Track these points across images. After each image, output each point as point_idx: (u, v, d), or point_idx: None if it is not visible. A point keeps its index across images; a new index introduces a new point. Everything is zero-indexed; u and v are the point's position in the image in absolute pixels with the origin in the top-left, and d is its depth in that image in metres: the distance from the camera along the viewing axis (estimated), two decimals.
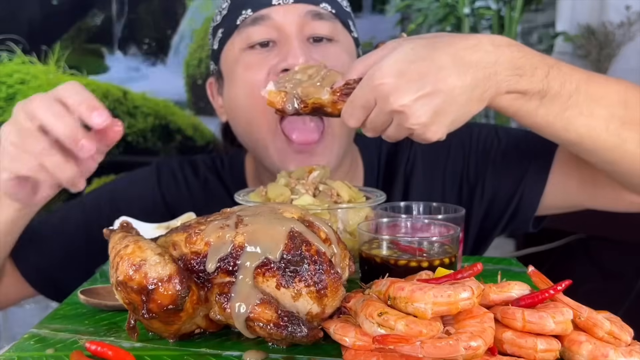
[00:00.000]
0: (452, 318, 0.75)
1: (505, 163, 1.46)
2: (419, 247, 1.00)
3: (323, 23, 1.36)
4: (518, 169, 1.44)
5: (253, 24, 1.35)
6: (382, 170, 1.55)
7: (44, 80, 2.68)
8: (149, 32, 2.92)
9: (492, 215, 1.48)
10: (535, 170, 1.41)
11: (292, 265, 0.79)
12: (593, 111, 1.09)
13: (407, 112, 0.98)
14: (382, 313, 0.73)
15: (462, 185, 1.49)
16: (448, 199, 1.47)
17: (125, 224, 0.91)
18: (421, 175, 1.51)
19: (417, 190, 1.50)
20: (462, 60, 0.99)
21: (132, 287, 0.76)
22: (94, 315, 0.95)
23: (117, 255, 0.79)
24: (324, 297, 0.80)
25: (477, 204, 1.48)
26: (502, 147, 1.48)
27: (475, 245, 1.51)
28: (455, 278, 0.79)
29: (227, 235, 0.81)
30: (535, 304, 0.78)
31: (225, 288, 0.79)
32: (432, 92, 0.98)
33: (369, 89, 1.01)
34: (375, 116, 1.03)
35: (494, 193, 1.46)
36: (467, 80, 0.99)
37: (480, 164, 1.48)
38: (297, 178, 1.17)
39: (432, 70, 0.98)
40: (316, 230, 0.85)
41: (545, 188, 1.41)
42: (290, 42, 1.32)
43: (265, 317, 0.77)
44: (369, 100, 1.02)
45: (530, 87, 1.05)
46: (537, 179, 1.41)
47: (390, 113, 1.00)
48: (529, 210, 1.44)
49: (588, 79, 1.10)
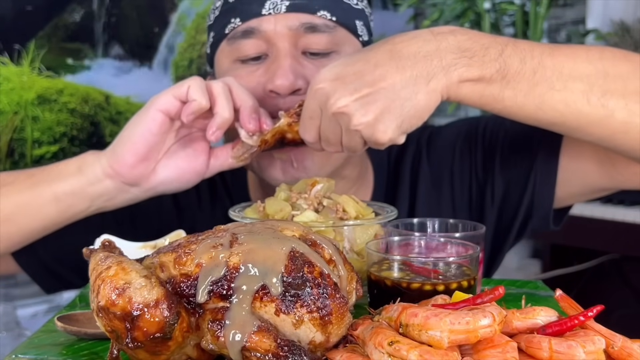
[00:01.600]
0: (471, 348, 0.75)
1: (512, 154, 1.47)
2: (434, 268, 1.00)
3: (319, 36, 1.35)
4: (526, 159, 1.45)
5: (243, 36, 1.36)
6: (390, 172, 1.56)
7: (16, 82, 2.69)
8: (134, 30, 2.93)
9: (507, 214, 1.48)
10: (544, 157, 1.42)
11: (293, 289, 0.79)
12: (566, 84, 1.13)
13: (348, 112, 1.09)
14: (393, 342, 0.74)
15: (471, 184, 1.50)
16: (458, 201, 1.48)
17: (108, 242, 0.91)
18: (428, 178, 1.52)
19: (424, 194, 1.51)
20: (399, 54, 1.08)
21: (115, 313, 0.76)
22: (73, 344, 0.95)
23: (99, 277, 0.79)
24: (329, 324, 0.80)
25: (489, 203, 1.48)
26: (508, 137, 1.49)
27: (490, 255, 1.52)
28: (474, 303, 0.80)
29: (220, 256, 0.81)
30: (564, 332, 0.78)
31: (218, 314, 0.79)
32: (372, 90, 1.08)
33: (310, 97, 1.14)
34: (324, 125, 1.15)
35: (504, 190, 1.47)
36: (406, 73, 1.07)
37: (487, 158, 1.49)
38: (299, 192, 1.17)
39: (368, 68, 1.09)
40: (320, 250, 0.85)
41: (558, 175, 1.42)
42: (280, 59, 1.33)
43: (263, 347, 0.77)
44: (314, 109, 1.14)
45: (485, 68, 1.09)
46: (547, 167, 1.42)
47: (333, 117, 1.11)
48: (545, 202, 1.44)
49: (552, 52, 1.14)
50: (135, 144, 1.25)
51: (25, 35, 2.73)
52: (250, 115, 1.26)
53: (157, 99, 1.25)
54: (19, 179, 1.35)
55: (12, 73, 2.70)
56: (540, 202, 1.45)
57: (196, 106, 1.22)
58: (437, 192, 1.52)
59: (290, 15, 1.34)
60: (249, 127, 1.26)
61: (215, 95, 1.24)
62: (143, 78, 2.91)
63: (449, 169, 1.52)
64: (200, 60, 3.08)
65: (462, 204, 1.51)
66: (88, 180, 1.29)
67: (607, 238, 1.58)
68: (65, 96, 2.77)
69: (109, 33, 2.87)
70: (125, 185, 1.30)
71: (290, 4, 1.33)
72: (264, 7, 1.34)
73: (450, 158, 1.53)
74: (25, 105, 2.68)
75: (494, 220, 1.49)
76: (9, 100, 2.65)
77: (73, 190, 1.30)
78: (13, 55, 2.71)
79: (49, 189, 1.31)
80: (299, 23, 1.33)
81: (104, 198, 1.32)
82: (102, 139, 2.85)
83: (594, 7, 2.74)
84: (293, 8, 1.33)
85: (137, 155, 1.26)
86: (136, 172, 1.28)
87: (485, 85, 1.10)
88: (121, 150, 1.27)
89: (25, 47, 2.72)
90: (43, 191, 1.31)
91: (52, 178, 1.31)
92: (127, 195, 1.33)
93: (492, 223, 1.49)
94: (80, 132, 2.78)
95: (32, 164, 2.67)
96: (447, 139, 1.56)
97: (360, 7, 1.43)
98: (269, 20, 1.34)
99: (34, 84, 2.71)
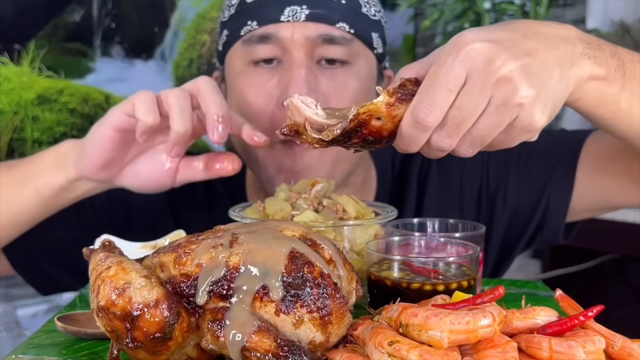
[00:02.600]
0: (471, 348, 0.75)
1: (528, 166, 1.46)
2: (434, 268, 1.00)
3: (335, 48, 1.33)
4: (542, 173, 1.44)
5: (259, 41, 1.34)
6: (395, 177, 1.55)
7: (17, 83, 2.69)
8: (134, 30, 2.93)
9: (516, 226, 1.48)
10: (561, 171, 1.42)
11: (293, 289, 0.79)
12: None
13: (515, 80, 0.86)
14: (393, 342, 0.74)
15: (481, 193, 1.49)
16: (466, 208, 1.48)
17: (107, 242, 0.91)
18: (437, 182, 1.51)
19: (432, 200, 1.50)
20: (539, 31, 0.93)
21: (115, 313, 0.76)
22: (73, 344, 0.95)
23: (99, 277, 0.79)
24: (329, 324, 0.80)
25: (499, 213, 1.48)
26: (524, 148, 1.46)
27: (497, 261, 1.51)
28: (474, 303, 0.80)
29: (220, 256, 0.81)
30: (564, 332, 0.78)
31: (218, 314, 0.79)
32: (531, 60, 0.88)
33: (458, 59, 0.87)
34: (468, 98, 0.87)
35: (517, 201, 1.47)
36: (554, 52, 0.91)
37: (501, 168, 1.48)
38: (299, 192, 1.17)
39: (518, 38, 0.90)
40: (320, 250, 0.85)
41: (574, 190, 1.41)
42: (294, 69, 1.31)
43: (263, 347, 0.77)
44: (458, 75, 0.87)
45: (609, 64, 0.98)
46: (564, 182, 1.41)
47: (494, 85, 0.87)
48: (558, 217, 1.44)
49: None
50: (94, 156, 1.25)
51: (26, 35, 2.73)
52: (214, 124, 1.18)
53: (108, 115, 1.24)
54: (0, 170, 1.35)
55: (12, 73, 2.69)
56: (553, 217, 1.45)
57: (142, 126, 1.17)
58: (445, 194, 1.51)
59: (309, 25, 1.32)
60: (213, 138, 1.17)
61: (167, 109, 1.18)
62: (143, 78, 2.91)
63: (459, 173, 1.51)
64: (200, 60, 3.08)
65: (470, 209, 1.50)
66: (64, 175, 1.30)
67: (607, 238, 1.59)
68: (65, 96, 2.77)
69: (109, 33, 2.87)
70: (97, 181, 1.31)
71: (310, 12, 1.31)
72: (283, 13, 1.32)
73: (460, 164, 1.51)
74: (25, 105, 2.68)
75: (503, 227, 1.49)
76: (9, 100, 2.65)
77: (51, 184, 1.31)
78: (13, 55, 2.70)
79: (30, 183, 1.31)
80: (317, 34, 1.32)
81: (81, 190, 1.32)
82: None
83: (594, 7, 2.75)
84: (312, 17, 1.31)
85: (97, 164, 1.26)
86: (101, 176, 1.28)
87: (608, 83, 0.99)
88: (85, 156, 1.27)
89: (25, 47, 2.71)
90: (24, 185, 1.31)
91: (31, 172, 1.32)
92: (104, 186, 1.34)
93: (502, 229, 1.49)
94: (80, 132, 2.78)
95: None
96: None
97: (377, 19, 1.41)
98: (287, 28, 1.32)
99: (34, 84, 2.70)
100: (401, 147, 0.92)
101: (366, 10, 1.38)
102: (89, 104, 2.82)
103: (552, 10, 2.93)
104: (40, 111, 2.71)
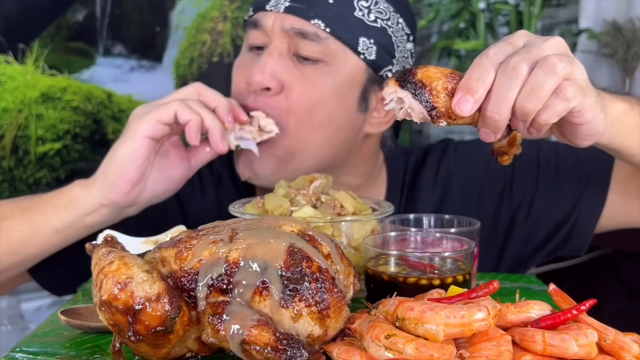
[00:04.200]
0: (466, 341, 0.76)
1: (558, 184, 1.45)
2: (430, 263, 1.00)
3: (309, 44, 1.33)
4: (573, 192, 1.43)
5: (251, 26, 1.39)
6: (406, 183, 1.54)
7: (21, 81, 2.68)
8: (136, 30, 2.92)
9: (536, 237, 1.48)
10: (592, 192, 1.41)
11: (292, 283, 0.79)
12: None
13: (564, 64, 0.89)
14: (389, 335, 0.74)
15: (501, 205, 1.49)
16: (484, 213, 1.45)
17: (110, 238, 0.91)
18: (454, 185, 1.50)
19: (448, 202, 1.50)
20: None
21: (117, 307, 0.76)
22: (76, 337, 0.96)
23: (101, 272, 0.79)
24: (327, 317, 0.80)
25: (520, 224, 1.47)
26: (553, 165, 1.47)
27: (510, 269, 1.51)
28: (469, 297, 0.80)
29: (220, 251, 0.81)
30: (557, 325, 0.78)
31: (218, 308, 0.79)
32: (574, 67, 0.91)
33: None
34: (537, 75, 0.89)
35: (540, 215, 1.46)
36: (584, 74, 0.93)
37: (527, 182, 1.48)
38: (297, 188, 1.17)
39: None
40: (318, 245, 0.85)
41: (603, 211, 1.41)
42: (265, 56, 1.35)
43: (263, 340, 0.77)
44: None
45: (624, 100, 1.05)
46: (594, 203, 1.41)
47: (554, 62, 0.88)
48: (584, 235, 1.44)
49: None
50: (129, 173, 1.27)
51: (30, 35, 2.72)
52: (227, 113, 1.31)
53: (140, 125, 1.26)
54: (15, 212, 1.35)
55: (17, 72, 2.69)
56: (580, 235, 1.45)
57: (195, 125, 1.25)
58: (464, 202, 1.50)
59: (286, 17, 1.34)
60: (228, 125, 1.30)
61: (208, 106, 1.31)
62: (144, 77, 2.90)
63: (479, 185, 1.51)
64: (200, 59, 3.07)
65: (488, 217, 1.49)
66: (83, 212, 1.31)
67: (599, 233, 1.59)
68: (69, 94, 2.76)
69: (111, 33, 2.86)
70: (121, 209, 1.32)
71: (289, 5, 1.34)
72: (269, 2, 1.36)
73: (482, 173, 1.51)
74: (29, 103, 2.68)
75: (520, 241, 1.49)
76: (13, 99, 2.64)
77: (71, 223, 1.32)
78: (17, 54, 2.70)
79: (48, 224, 1.32)
80: (290, 26, 1.33)
81: (102, 222, 1.33)
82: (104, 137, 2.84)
83: (587, 6, 2.74)
84: (290, 10, 1.34)
85: (132, 181, 1.28)
86: (132, 196, 1.30)
87: (636, 114, 1.05)
88: (115, 180, 1.28)
89: (29, 46, 2.71)
90: (42, 226, 1.32)
91: (48, 213, 1.32)
92: (123, 214, 1.35)
93: (518, 243, 1.49)
94: (83, 129, 2.77)
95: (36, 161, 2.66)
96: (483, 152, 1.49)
97: (378, 26, 1.37)
98: (269, 17, 1.36)
99: (38, 83, 2.70)
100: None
101: (361, 15, 1.35)
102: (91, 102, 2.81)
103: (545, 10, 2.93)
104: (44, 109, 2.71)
